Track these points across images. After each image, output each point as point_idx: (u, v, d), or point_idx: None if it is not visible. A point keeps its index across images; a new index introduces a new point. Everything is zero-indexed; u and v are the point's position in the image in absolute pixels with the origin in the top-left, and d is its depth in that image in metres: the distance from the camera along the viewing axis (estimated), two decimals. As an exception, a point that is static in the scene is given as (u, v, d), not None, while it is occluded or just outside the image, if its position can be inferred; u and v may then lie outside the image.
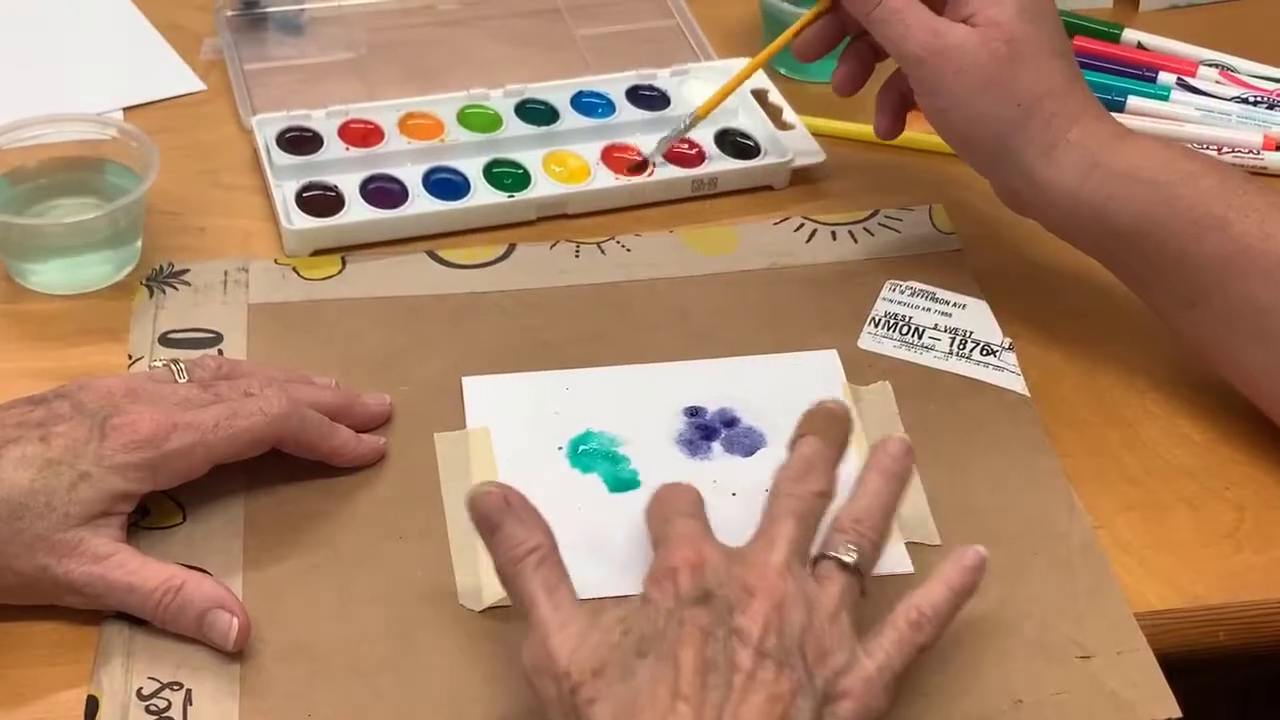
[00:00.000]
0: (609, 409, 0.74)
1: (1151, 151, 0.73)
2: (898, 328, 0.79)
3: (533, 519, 0.60)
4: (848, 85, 0.84)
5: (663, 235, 0.86)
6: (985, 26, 0.75)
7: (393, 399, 0.74)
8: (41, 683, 0.63)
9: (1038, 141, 0.75)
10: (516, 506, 0.60)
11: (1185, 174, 0.72)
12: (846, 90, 0.84)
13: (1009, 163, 0.76)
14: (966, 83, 0.75)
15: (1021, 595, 0.66)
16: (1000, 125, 0.75)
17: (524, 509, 0.61)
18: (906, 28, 0.76)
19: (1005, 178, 0.77)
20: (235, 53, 0.97)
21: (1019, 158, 0.75)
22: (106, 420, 0.65)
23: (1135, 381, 0.77)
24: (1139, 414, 0.76)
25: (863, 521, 0.61)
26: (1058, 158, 0.74)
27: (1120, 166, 0.73)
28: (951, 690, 0.63)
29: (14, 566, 0.63)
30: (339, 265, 0.83)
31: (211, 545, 0.67)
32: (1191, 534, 0.70)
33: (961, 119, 0.76)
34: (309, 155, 0.87)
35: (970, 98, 0.75)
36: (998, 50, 0.74)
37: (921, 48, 0.75)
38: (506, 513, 0.60)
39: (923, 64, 0.76)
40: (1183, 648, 0.66)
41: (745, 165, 0.90)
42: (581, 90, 0.93)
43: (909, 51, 0.76)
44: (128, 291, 0.81)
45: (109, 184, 0.82)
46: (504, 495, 0.61)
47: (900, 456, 0.64)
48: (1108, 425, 0.75)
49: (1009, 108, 0.75)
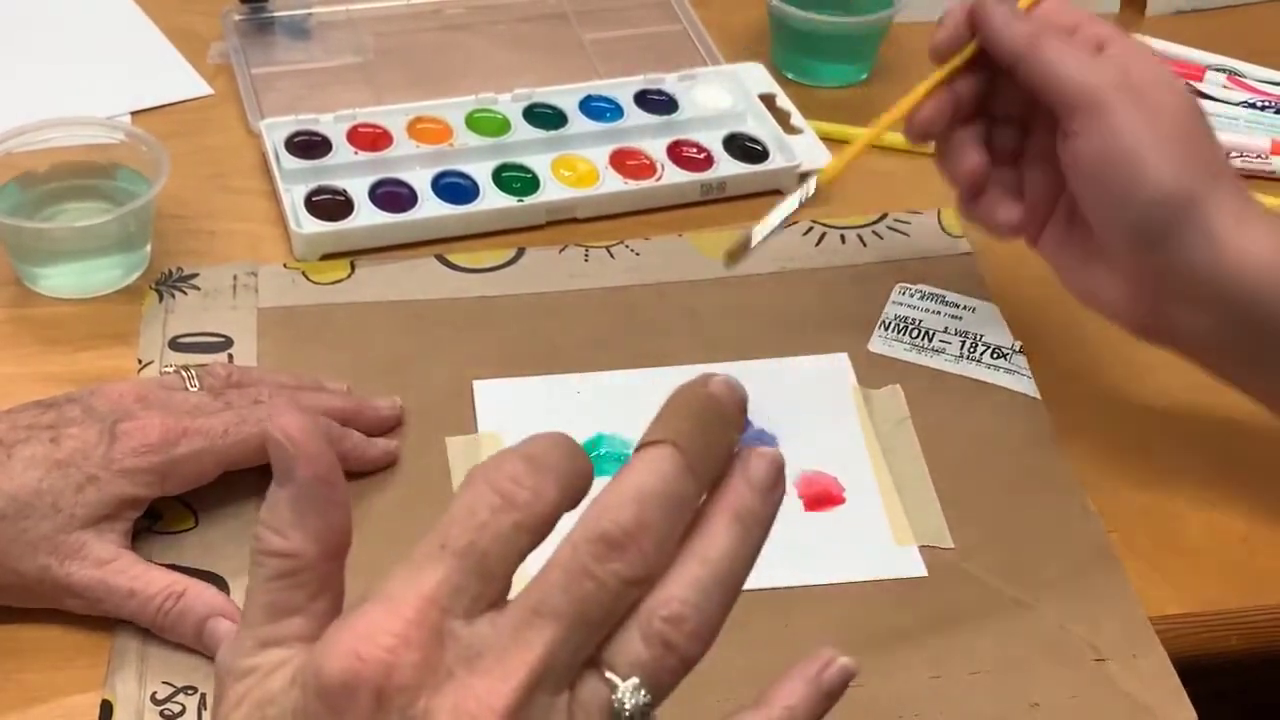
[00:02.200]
0: (620, 413, 0.74)
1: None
2: (908, 331, 0.79)
3: None
4: (981, 174, 0.72)
5: (671, 239, 0.86)
6: (1172, 84, 0.67)
7: (403, 403, 0.74)
8: (55, 687, 0.63)
9: (1230, 206, 0.65)
10: None
11: None
12: (976, 181, 0.72)
13: (1194, 236, 0.65)
14: (1171, 125, 0.65)
15: (1035, 599, 0.66)
16: (1197, 181, 0.64)
17: None
18: (1101, 60, 0.66)
19: (1175, 254, 0.65)
20: (243, 57, 0.97)
21: (1207, 225, 0.64)
22: (116, 424, 0.65)
23: (1146, 384, 0.77)
24: (1150, 417, 0.76)
25: (685, 620, 0.41)
26: (1249, 226, 0.65)
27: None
28: (967, 694, 0.63)
29: (16, 567, 0.63)
30: (348, 269, 0.83)
31: (224, 549, 0.67)
32: (1205, 538, 0.70)
33: (1159, 166, 0.64)
34: (317, 159, 0.87)
35: (1173, 142, 0.65)
36: (1193, 104, 0.66)
37: (1115, 84, 0.65)
38: None
39: (1129, 95, 0.65)
40: (1196, 652, 0.66)
41: (754, 169, 0.90)
42: (590, 94, 0.93)
43: (1112, 81, 0.65)
44: (137, 296, 0.81)
45: (119, 188, 0.82)
46: None
47: (766, 487, 0.43)
48: (1119, 428, 0.75)
49: (1205, 164, 0.65)
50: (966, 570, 0.68)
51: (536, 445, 0.42)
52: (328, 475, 0.44)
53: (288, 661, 0.43)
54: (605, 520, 0.41)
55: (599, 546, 0.41)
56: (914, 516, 0.70)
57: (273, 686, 0.42)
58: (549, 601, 0.40)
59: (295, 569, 0.44)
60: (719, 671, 0.63)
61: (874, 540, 0.69)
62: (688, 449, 0.42)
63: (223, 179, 0.89)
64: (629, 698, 0.41)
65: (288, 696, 0.41)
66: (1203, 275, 0.65)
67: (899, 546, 0.69)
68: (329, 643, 0.40)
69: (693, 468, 0.42)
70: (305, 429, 0.43)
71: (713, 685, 0.63)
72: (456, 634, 0.40)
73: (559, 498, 0.42)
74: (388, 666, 0.40)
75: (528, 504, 0.41)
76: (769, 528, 0.43)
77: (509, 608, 0.41)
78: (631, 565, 0.41)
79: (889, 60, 1.00)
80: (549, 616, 0.40)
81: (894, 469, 0.72)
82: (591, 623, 0.40)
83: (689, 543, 0.42)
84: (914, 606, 0.66)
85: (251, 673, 0.43)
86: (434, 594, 0.41)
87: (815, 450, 0.73)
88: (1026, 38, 0.68)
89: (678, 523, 0.42)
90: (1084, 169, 0.67)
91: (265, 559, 0.44)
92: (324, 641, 0.41)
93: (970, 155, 0.71)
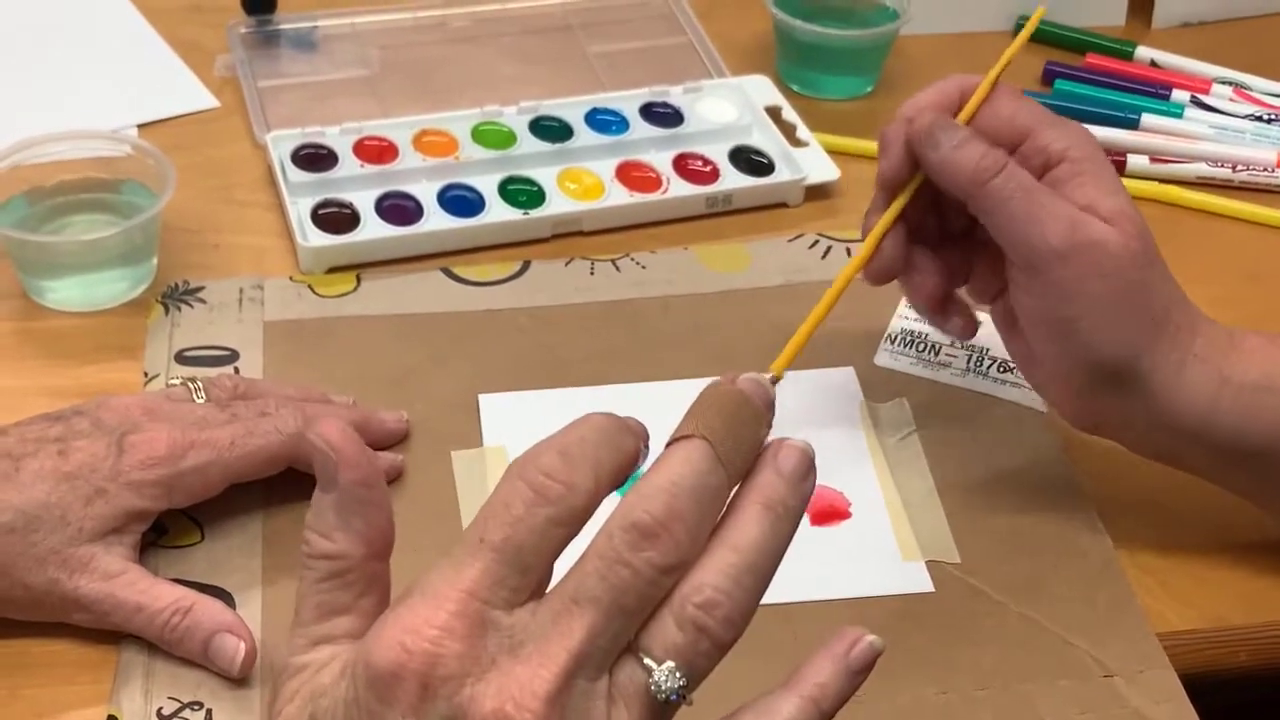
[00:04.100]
0: (626, 427, 0.74)
1: (1272, 355, 0.65)
2: (914, 345, 0.79)
3: None
4: (940, 295, 0.69)
5: (677, 252, 0.86)
6: (1116, 221, 0.63)
7: (409, 416, 0.74)
8: (61, 702, 0.63)
9: (1168, 362, 0.63)
10: None
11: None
12: (936, 302, 0.69)
13: (1131, 388, 0.64)
14: (1110, 288, 0.62)
15: (1042, 614, 0.66)
16: (1136, 342, 0.63)
17: None
18: (1041, 211, 0.62)
19: (1120, 405, 0.65)
20: (249, 69, 0.97)
21: (1147, 382, 0.64)
22: (124, 437, 0.65)
23: (1153, 399, 0.77)
24: (1157, 432, 0.76)
25: (717, 606, 0.43)
26: (1187, 378, 0.63)
27: (1249, 378, 0.64)
28: (974, 710, 0.63)
29: (24, 580, 0.63)
30: (354, 282, 0.83)
31: (230, 564, 0.67)
32: (1213, 554, 0.70)
33: (1093, 332, 0.63)
34: (324, 172, 0.87)
35: (1111, 306, 0.62)
36: (1137, 251, 0.63)
37: (1062, 240, 0.62)
38: None
39: (1065, 262, 0.62)
40: (1204, 668, 0.66)
41: (759, 182, 0.90)
42: (595, 107, 0.93)
43: (1046, 242, 0.62)
44: (143, 309, 0.81)
45: (125, 201, 0.82)
46: None
47: (796, 478, 0.45)
48: (1126, 443, 0.75)
49: (1145, 321, 0.63)
50: (973, 585, 0.67)
51: (573, 434, 0.45)
52: (369, 479, 0.46)
53: (338, 656, 0.45)
54: (639, 510, 0.43)
55: (633, 535, 0.43)
56: (921, 531, 0.70)
57: (324, 680, 0.44)
58: (586, 590, 0.42)
59: (342, 570, 0.46)
60: (724, 686, 0.63)
61: (880, 555, 0.69)
62: (718, 442, 0.44)
63: (229, 192, 0.89)
64: (666, 680, 0.43)
65: (339, 688, 0.44)
66: (1140, 424, 0.65)
67: (905, 561, 0.68)
68: (376, 636, 0.43)
69: (723, 460, 0.44)
70: (345, 435, 0.46)
71: (718, 700, 0.63)
72: (498, 624, 0.42)
73: (594, 487, 0.44)
74: (433, 657, 0.42)
75: (560, 497, 0.43)
76: (799, 518, 0.45)
77: (548, 597, 0.43)
78: (665, 553, 0.43)
79: (894, 72, 1.00)
80: (587, 604, 0.42)
81: (900, 483, 0.72)
82: (628, 610, 0.42)
83: (720, 532, 0.44)
84: (921, 622, 0.66)
85: (305, 669, 0.46)
86: (474, 586, 0.42)
87: (821, 464, 0.72)
88: (970, 179, 0.64)
89: (709, 513, 0.44)
90: (1025, 317, 0.65)
91: (314, 562, 0.46)
92: (371, 635, 0.43)
93: (926, 280, 0.68)
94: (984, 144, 0.64)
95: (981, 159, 0.64)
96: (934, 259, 0.68)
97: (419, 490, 0.71)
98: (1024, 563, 0.68)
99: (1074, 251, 0.62)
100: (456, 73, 0.99)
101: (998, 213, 0.63)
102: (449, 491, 0.71)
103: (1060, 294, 0.63)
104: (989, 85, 0.67)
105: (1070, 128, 0.66)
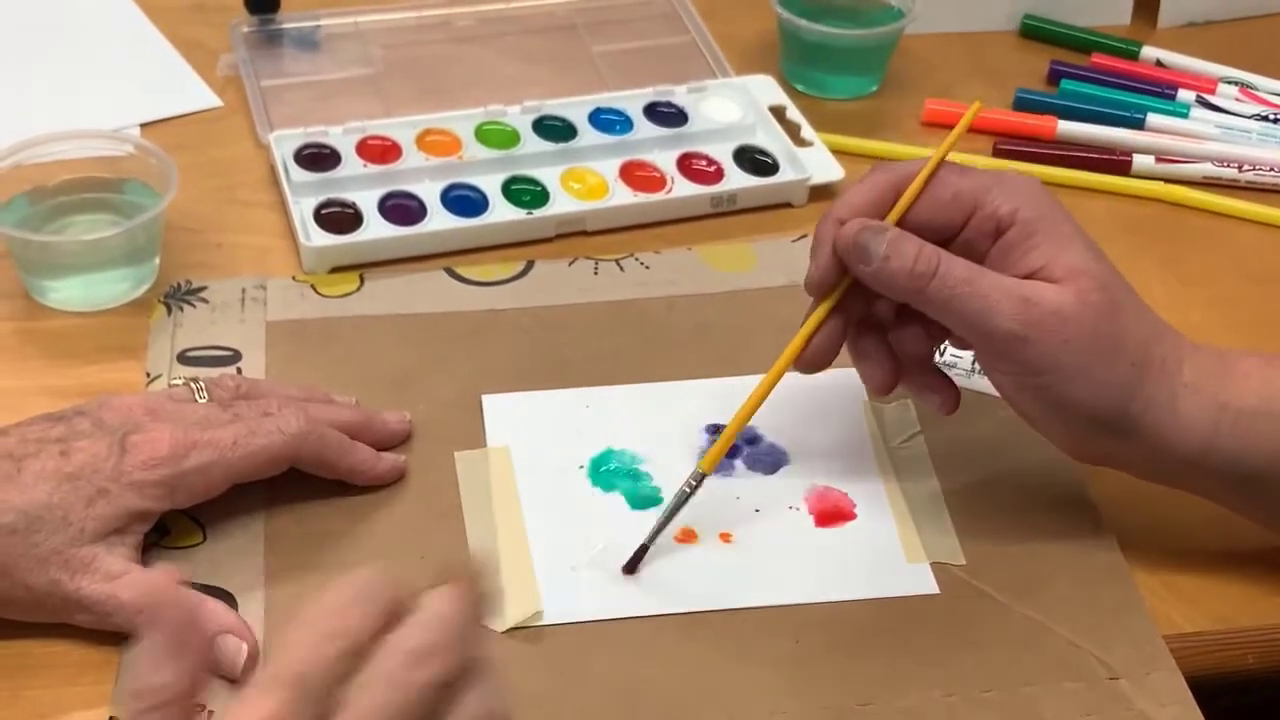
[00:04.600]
0: (630, 427, 0.74)
1: (1269, 378, 0.65)
2: (919, 346, 0.79)
3: None
4: (891, 384, 0.68)
5: (681, 252, 0.86)
6: (1071, 279, 0.63)
7: (412, 416, 0.74)
8: (63, 703, 0.62)
9: (1159, 399, 0.64)
10: None
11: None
12: (888, 390, 0.68)
13: (1127, 430, 0.64)
14: (1078, 351, 0.62)
15: (1047, 616, 0.66)
16: (1121, 391, 0.63)
17: None
18: (987, 300, 0.62)
19: (1124, 448, 0.65)
20: (252, 69, 0.97)
21: (1139, 422, 0.64)
22: (126, 437, 0.65)
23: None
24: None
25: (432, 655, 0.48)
26: (1182, 411, 0.64)
27: (1248, 404, 0.64)
28: (980, 712, 0.62)
29: (26, 581, 0.63)
30: (357, 282, 0.83)
31: (233, 564, 0.67)
32: (1219, 555, 0.70)
33: (1074, 394, 0.63)
34: (327, 172, 0.87)
35: (1086, 367, 0.63)
36: (1099, 304, 0.63)
37: (1017, 322, 0.62)
38: None
39: (1026, 343, 0.62)
40: (1211, 670, 0.66)
41: (764, 182, 0.89)
42: (599, 107, 0.93)
43: (1001, 328, 0.62)
44: (146, 308, 0.80)
45: (127, 201, 0.82)
46: None
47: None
48: (1132, 444, 0.75)
49: (1124, 369, 0.63)
50: (978, 587, 0.67)
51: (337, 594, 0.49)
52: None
53: None
54: (423, 623, 0.49)
55: (418, 646, 0.48)
56: (925, 533, 0.69)
57: None
58: (367, 699, 0.46)
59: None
60: (728, 688, 0.63)
61: (885, 557, 0.69)
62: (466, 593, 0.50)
63: (231, 191, 0.89)
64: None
65: None
66: (1142, 459, 0.66)
67: (910, 563, 0.68)
68: None
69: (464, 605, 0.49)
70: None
71: (723, 702, 0.63)
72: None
73: (374, 626, 0.48)
74: None
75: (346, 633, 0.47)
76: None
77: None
78: (437, 664, 0.47)
79: (899, 72, 0.99)
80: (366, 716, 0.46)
81: (905, 485, 0.72)
82: None
83: None
84: (925, 624, 0.66)
85: None
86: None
87: (826, 466, 0.73)
88: (906, 287, 0.64)
89: (465, 645, 0.48)
90: (1003, 391, 0.66)
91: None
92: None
93: (874, 371, 0.68)
94: (914, 245, 0.64)
95: (915, 265, 0.63)
96: (883, 346, 0.68)
97: (422, 491, 0.71)
98: (1029, 565, 0.68)
99: (1032, 329, 0.62)
100: (460, 72, 0.99)
101: (946, 311, 0.63)
102: (452, 492, 0.71)
103: (1030, 369, 0.63)
104: (921, 184, 0.65)
105: (1017, 185, 0.65)
